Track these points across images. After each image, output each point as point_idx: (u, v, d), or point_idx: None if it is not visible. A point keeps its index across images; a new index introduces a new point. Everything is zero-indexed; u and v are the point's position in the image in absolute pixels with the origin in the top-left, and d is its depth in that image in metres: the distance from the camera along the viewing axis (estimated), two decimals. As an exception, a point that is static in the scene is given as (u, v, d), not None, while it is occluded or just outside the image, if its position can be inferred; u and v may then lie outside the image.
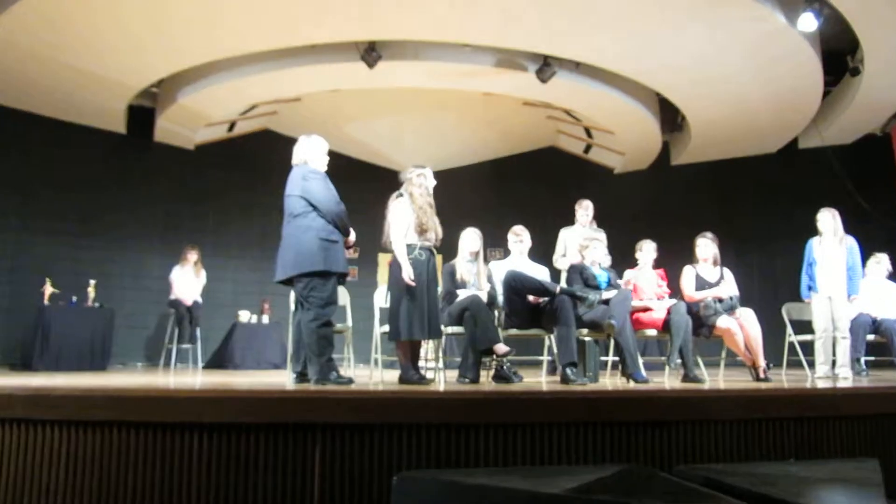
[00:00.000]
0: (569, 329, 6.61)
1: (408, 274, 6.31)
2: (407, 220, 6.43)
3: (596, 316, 6.92)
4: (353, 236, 6.36)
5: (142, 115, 12.62)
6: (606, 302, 7.01)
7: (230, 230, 13.77)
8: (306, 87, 11.65)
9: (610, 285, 7.32)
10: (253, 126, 13.91)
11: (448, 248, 7.23)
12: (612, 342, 7.24)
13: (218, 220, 13.74)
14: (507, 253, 8.04)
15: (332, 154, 6.58)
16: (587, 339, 7.15)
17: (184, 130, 12.96)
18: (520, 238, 7.61)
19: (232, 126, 13.77)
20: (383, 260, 14.03)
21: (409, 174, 6.56)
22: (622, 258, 8.63)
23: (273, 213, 7.47)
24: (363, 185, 10.98)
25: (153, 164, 13.11)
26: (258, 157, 13.49)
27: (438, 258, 6.73)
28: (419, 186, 6.54)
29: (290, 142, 6.58)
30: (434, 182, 6.66)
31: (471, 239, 7.30)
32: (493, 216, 12.51)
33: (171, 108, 12.10)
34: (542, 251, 8.68)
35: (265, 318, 12.52)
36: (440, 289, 6.80)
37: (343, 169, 10.33)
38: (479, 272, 7.17)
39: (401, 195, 6.53)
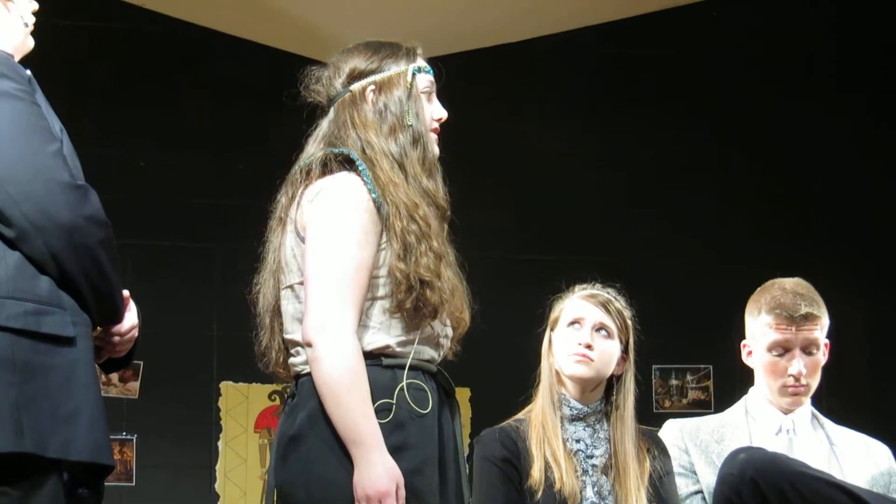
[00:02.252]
0: None
1: (387, 475, 1.95)
2: (366, 255, 2.07)
3: None
4: (129, 319, 2.12)
5: None
6: None
7: None
8: None
9: None
10: None
11: (481, 357, 3.14)
12: None
13: None
14: (729, 384, 4.16)
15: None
16: None
17: None
18: (792, 331, 2.72)
19: None
20: (253, 402, 5.35)
21: (347, 82, 2.25)
22: None
23: None
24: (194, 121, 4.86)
25: None
26: None
27: (461, 399, 2.74)
28: (394, 128, 2.20)
29: None
30: (444, 113, 2.30)
31: (578, 331, 2.67)
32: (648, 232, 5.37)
33: None
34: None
35: None
36: None
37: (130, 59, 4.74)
38: (620, 475, 2.61)
39: (344, 164, 2.14)
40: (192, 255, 4.86)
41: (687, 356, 5.21)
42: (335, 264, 2.02)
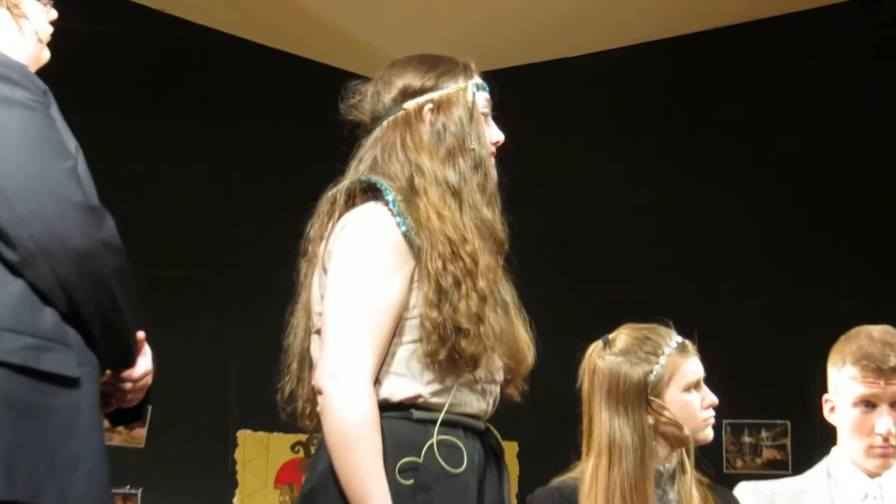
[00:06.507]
0: None
1: None
2: (390, 294, 1.91)
3: None
4: (143, 364, 1.98)
5: None
6: None
7: None
8: None
9: None
10: None
11: (530, 409, 2.32)
12: None
13: None
14: (809, 443, 4.00)
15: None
16: None
17: None
18: (881, 385, 2.56)
19: None
20: (274, 453, 4.95)
21: (400, 99, 2.08)
22: None
23: None
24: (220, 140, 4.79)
25: None
26: None
27: (508, 454, 2.16)
28: (453, 151, 2.02)
29: None
30: (501, 136, 2.15)
31: (701, 392, 2.51)
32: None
33: None
34: None
35: None
36: None
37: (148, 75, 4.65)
38: None
39: (369, 192, 1.98)
40: (209, 287, 4.63)
41: (762, 411, 5.03)
42: (353, 305, 1.89)
